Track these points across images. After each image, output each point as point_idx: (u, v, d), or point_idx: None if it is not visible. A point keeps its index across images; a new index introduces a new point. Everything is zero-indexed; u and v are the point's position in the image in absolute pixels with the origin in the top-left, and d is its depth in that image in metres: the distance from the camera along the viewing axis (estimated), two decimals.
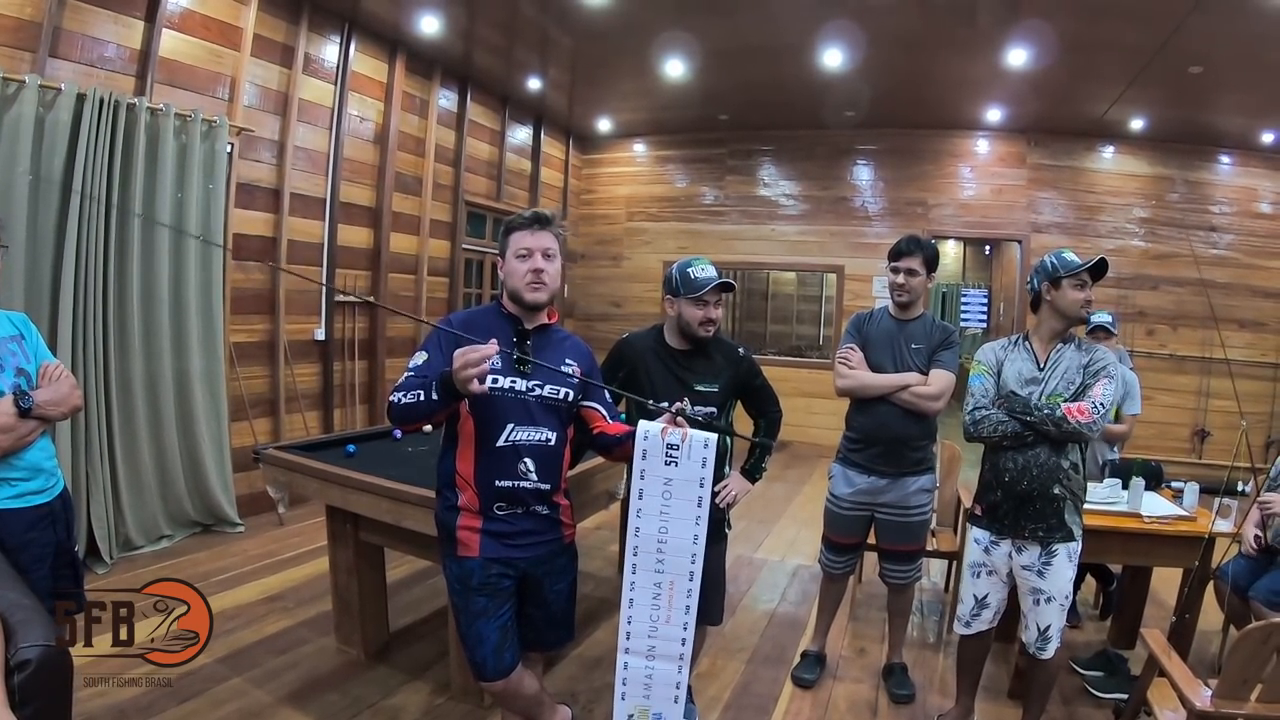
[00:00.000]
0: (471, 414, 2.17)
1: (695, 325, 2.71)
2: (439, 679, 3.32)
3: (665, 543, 2.14)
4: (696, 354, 2.79)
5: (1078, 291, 2.67)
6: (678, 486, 2.11)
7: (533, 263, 2.21)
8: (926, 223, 8.91)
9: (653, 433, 2.10)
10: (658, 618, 2.18)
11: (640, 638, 2.20)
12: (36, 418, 2.29)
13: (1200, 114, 7.32)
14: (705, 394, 2.73)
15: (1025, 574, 2.73)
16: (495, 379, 2.13)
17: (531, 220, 2.25)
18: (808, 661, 3.59)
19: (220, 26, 5.10)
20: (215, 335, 5.03)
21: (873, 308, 3.46)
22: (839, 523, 3.43)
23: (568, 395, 2.27)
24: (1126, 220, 8.42)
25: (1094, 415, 2.57)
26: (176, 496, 4.86)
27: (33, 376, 2.39)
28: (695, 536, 2.12)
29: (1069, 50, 5.89)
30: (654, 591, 2.17)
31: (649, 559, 2.15)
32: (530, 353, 2.21)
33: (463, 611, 2.22)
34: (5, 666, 1.73)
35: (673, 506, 2.13)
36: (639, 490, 2.14)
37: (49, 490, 2.38)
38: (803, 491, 7.26)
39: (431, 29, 6.42)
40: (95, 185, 4.22)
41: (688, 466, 2.09)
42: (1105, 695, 3.35)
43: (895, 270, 3.24)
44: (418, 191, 7.23)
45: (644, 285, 9.85)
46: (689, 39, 6.34)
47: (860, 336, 3.32)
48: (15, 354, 2.37)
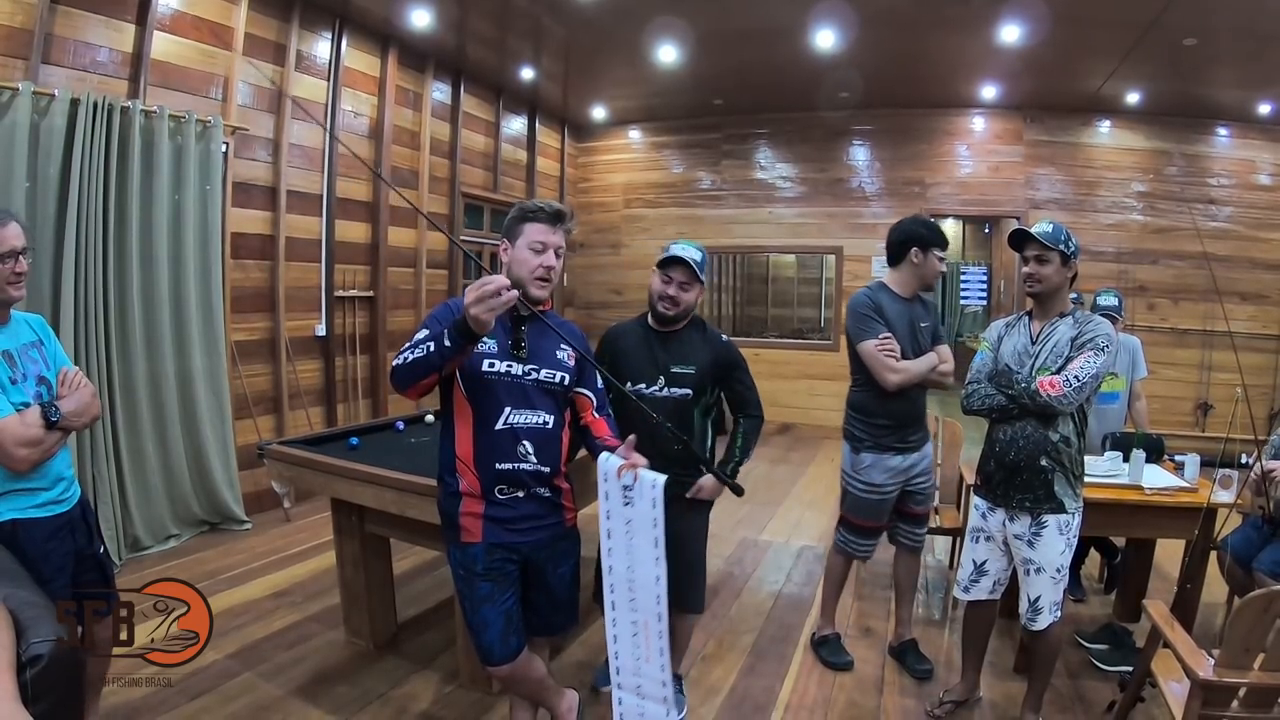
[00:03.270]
0: (469, 398, 2.19)
1: (655, 297, 2.76)
2: (448, 668, 3.35)
3: (634, 581, 2.19)
4: (676, 336, 2.82)
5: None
6: (636, 526, 2.15)
7: (545, 259, 2.22)
8: (924, 202, 8.90)
9: (609, 473, 2.15)
10: (639, 655, 2.24)
11: (628, 674, 2.27)
12: (62, 429, 2.27)
13: (1196, 87, 7.28)
14: (681, 375, 2.77)
15: (1017, 543, 2.76)
16: (492, 363, 2.17)
17: (554, 216, 2.25)
18: (832, 645, 3.57)
19: (211, 27, 5.10)
20: (216, 334, 5.05)
21: (869, 286, 3.38)
22: (876, 509, 3.36)
23: (563, 379, 2.29)
24: (1125, 195, 8.39)
25: (1065, 389, 2.58)
26: (183, 496, 4.89)
27: (53, 384, 2.37)
28: (657, 577, 2.14)
29: (1062, 25, 5.85)
30: (632, 630, 2.23)
31: (624, 596, 2.21)
32: (526, 339, 2.23)
33: (467, 597, 2.23)
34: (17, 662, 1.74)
35: (635, 546, 2.17)
36: (606, 530, 2.20)
37: (69, 499, 2.37)
38: (807, 473, 7.27)
39: (423, 22, 6.40)
40: (92, 190, 4.23)
41: (641, 506, 2.13)
42: (1110, 668, 3.37)
43: (940, 259, 3.28)
44: (414, 185, 7.23)
45: (643, 272, 9.71)
46: (681, 24, 6.32)
47: (884, 321, 3.21)
48: (36, 361, 2.34)
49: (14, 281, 2.24)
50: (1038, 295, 2.75)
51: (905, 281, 3.32)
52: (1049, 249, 2.66)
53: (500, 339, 2.20)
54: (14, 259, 2.22)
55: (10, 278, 2.22)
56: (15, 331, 2.33)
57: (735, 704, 3.19)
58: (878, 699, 3.23)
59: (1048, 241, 2.65)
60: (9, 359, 2.24)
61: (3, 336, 2.27)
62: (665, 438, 2.67)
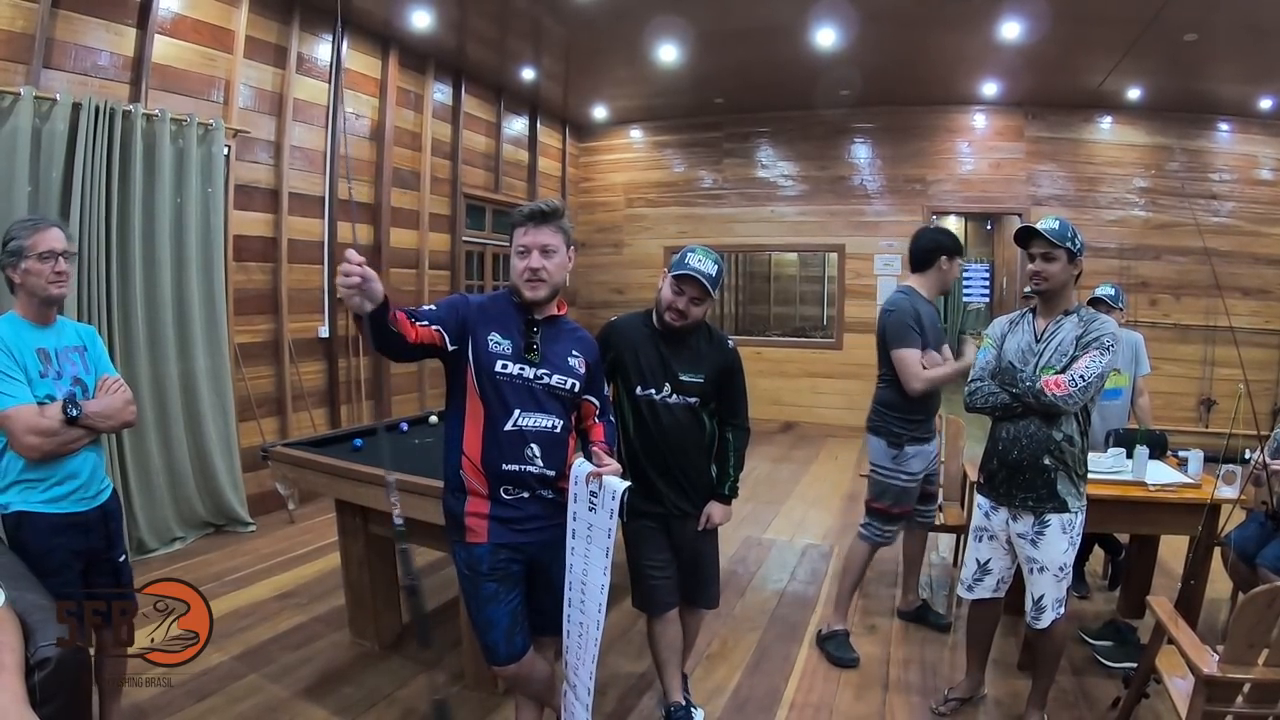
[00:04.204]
0: (481, 397, 2.20)
1: (663, 307, 2.65)
2: (453, 668, 3.35)
3: (586, 585, 2.23)
4: (685, 341, 2.72)
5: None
6: (595, 533, 2.18)
7: (528, 261, 2.21)
8: (926, 199, 8.89)
9: (580, 477, 2.19)
10: (579, 657, 2.31)
11: (571, 671, 2.36)
12: (84, 427, 2.35)
13: (1197, 82, 7.26)
14: (688, 384, 2.68)
15: (1020, 542, 2.76)
16: (505, 364, 2.19)
17: (528, 216, 2.24)
18: (840, 640, 3.58)
19: (212, 30, 5.10)
20: (220, 336, 5.06)
21: (903, 291, 3.54)
22: (912, 495, 3.60)
23: (574, 386, 2.30)
24: (1127, 191, 8.37)
25: (1070, 388, 2.56)
26: (187, 498, 4.90)
27: (90, 387, 2.46)
28: (602, 586, 2.18)
29: (1063, 21, 5.85)
30: (579, 630, 2.28)
31: (578, 596, 2.26)
32: (538, 343, 2.24)
33: (473, 597, 2.24)
34: (26, 665, 1.75)
35: (590, 552, 2.21)
36: (572, 530, 2.23)
37: (86, 500, 2.41)
38: (810, 471, 7.27)
39: (423, 23, 6.41)
40: (95, 194, 4.24)
41: (601, 514, 2.15)
42: (1115, 665, 3.37)
43: (961, 266, 3.55)
44: (416, 186, 7.24)
45: (645, 271, 9.81)
46: (681, 23, 6.31)
47: (920, 329, 3.42)
48: (75, 364, 2.45)
49: (55, 280, 2.36)
50: (1044, 293, 2.74)
51: (931, 286, 3.54)
52: (1056, 246, 2.64)
53: (515, 341, 2.22)
54: (54, 259, 2.35)
55: (51, 276, 2.35)
56: (59, 333, 2.48)
57: (740, 703, 3.19)
58: (882, 697, 3.23)
59: (1055, 239, 2.63)
60: (44, 356, 2.37)
61: (45, 335, 2.42)
62: (674, 446, 2.69)
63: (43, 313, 2.41)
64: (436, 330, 2.14)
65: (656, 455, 2.70)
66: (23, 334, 2.35)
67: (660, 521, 2.74)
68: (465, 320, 2.20)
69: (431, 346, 2.14)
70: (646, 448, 2.70)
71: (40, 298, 2.36)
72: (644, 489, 2.68)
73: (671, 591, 2.78)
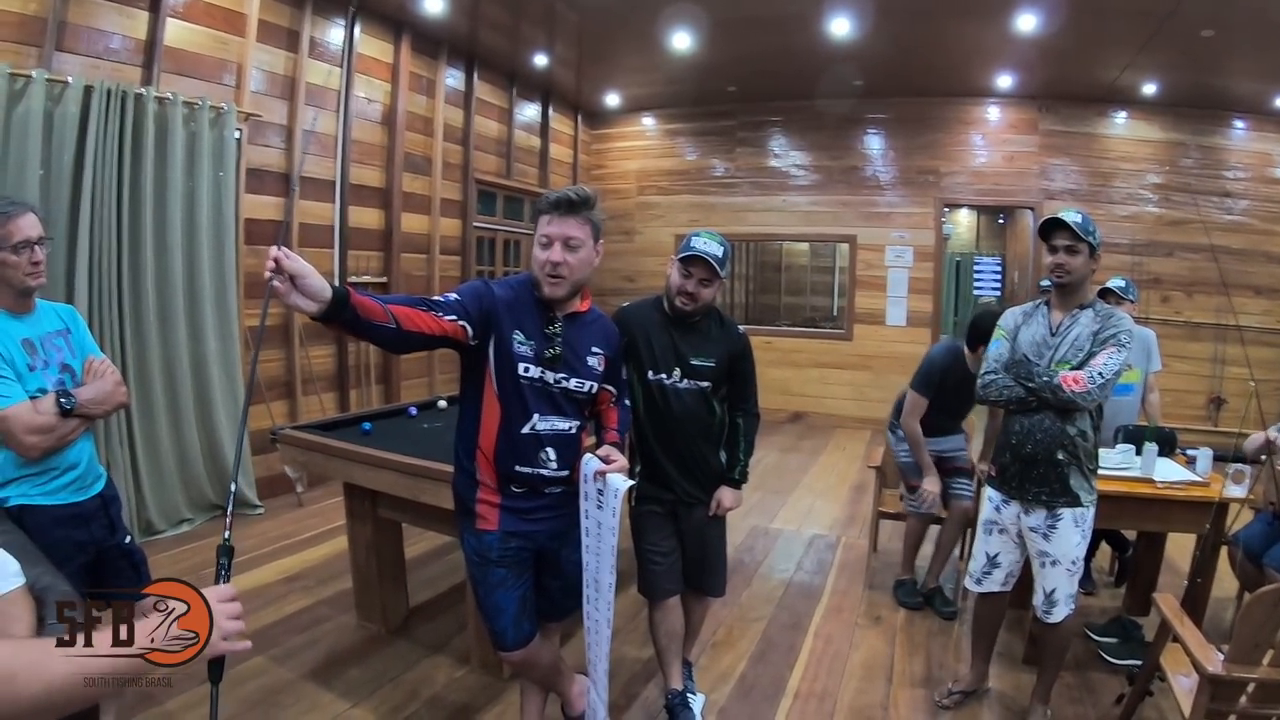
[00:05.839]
0: (500, 398, 2.15)
1: (673, 290, 2.64)
2: (459, 652, 3.38)
3: (599, 582, 2.23)
4: (695, 326, 2.71)
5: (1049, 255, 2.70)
6: (603, 530, 2.17)
7: (550, 254, 2.11)
8: (938, 191, 8.85)
9: (589, 474, 2.17)
10: (595, 652, 2.34)
11: (590, 665, 2.40)
12: (79, 416, 2.26)
13: (1213, 78, 7.19)
14: (700, 369, 2.68)
15: (1033, 536, 2.75)
16: (527, 367, 2.13)
17: (554, 204, 2.12)
18: (908, 587, 4.11)
19: (224, 14, 5.10)
20: (230, 319, 5.08)
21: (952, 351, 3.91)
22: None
23: (591, 388, 2.27)
24: (1140, 186, 8.30)
25: (1089, 385, 2.55)
26: (196, 480, 4.93)
27: (78, 372, 2.37)
28: (610, 584, 2.19)
29: (1079, 15, 5.81)
30: (594, 626, 2.31)
31: (592, 592, 2.27)
32: (559, 346, 2.19)
33: (481, 583, 2.24)
34: None
35: (601, 549, 2.20)
36: (585, 527, 2.23)
37: (85, 489, 2.35)
38: (818, 462, 7.28)
39: (436, 8, 6.39)
40: (106, 177, 4.25)
41: (606, 512, 2.14)
42: (1119, 661, 3.37)
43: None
44: (427, 171, 7.24)
45: (656, 259, 9.77)
46: (695, 11, 6.28)
47: (939, 383, 3.87)
48: (61, 349, 2.35)
49: (32, 271, 2.25)
50: (1064, 286, 2.71)
51: (974, 362, 3.70)
52: (1080, 239, 2.61)
53: (538, 343, 2.15)
54: (29, 248, 2.23)
55: (28, 268, 2.23)
56: (40, 320, 2.35)
57: (745, 691, 3.21)
58: (886, 688, 3.24)
59: (1080, 231, 2.61)
60: (29, 347, 2.26)
61: (25, 325, 2.29)
62: (684, 431, 2.69)
63: (21, 302, 2.29)
64: (462, 325, 2.04)
65: (667, 439, 2.70)
66: (5, 327, 2.23)
67: (668, 508, 2.75)
68: (489, 313, 2.11)
69: (450, 339, 2.05)
70: (657, 432, 2.70)
71: (17, 289, 2.24)
72: (654, 474, 2.70)
73: (673, 578, 2.79)
